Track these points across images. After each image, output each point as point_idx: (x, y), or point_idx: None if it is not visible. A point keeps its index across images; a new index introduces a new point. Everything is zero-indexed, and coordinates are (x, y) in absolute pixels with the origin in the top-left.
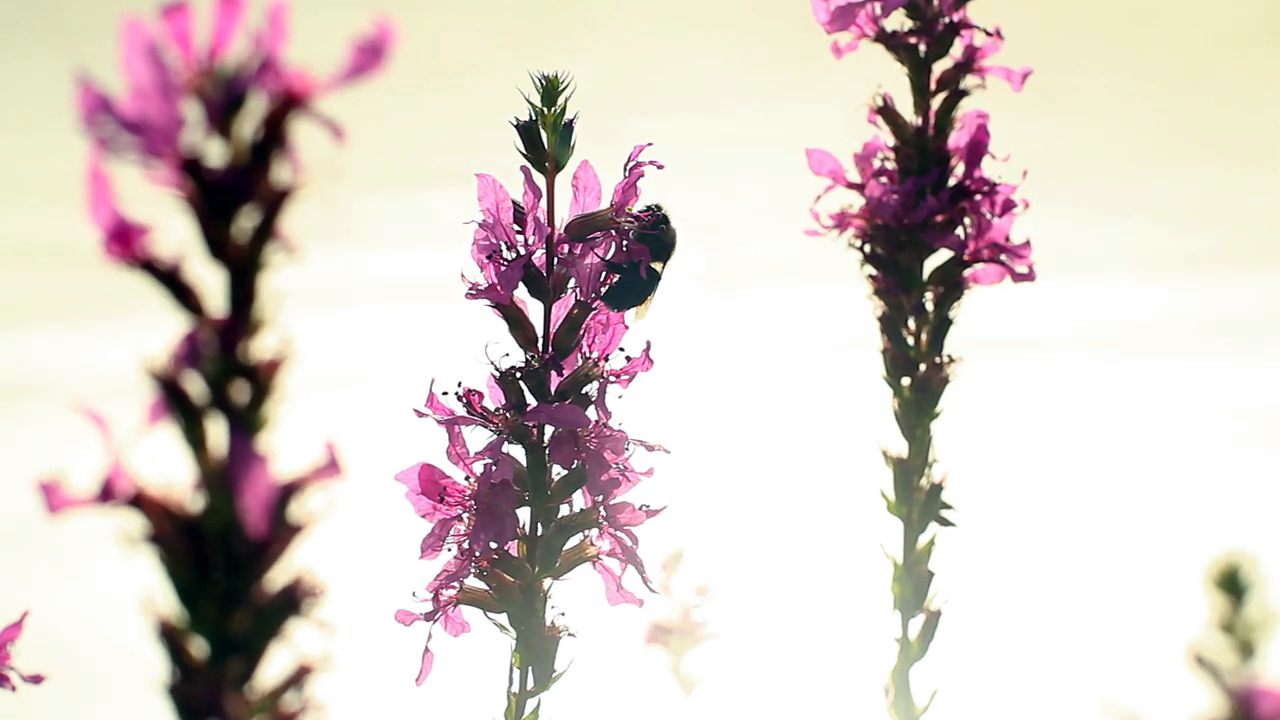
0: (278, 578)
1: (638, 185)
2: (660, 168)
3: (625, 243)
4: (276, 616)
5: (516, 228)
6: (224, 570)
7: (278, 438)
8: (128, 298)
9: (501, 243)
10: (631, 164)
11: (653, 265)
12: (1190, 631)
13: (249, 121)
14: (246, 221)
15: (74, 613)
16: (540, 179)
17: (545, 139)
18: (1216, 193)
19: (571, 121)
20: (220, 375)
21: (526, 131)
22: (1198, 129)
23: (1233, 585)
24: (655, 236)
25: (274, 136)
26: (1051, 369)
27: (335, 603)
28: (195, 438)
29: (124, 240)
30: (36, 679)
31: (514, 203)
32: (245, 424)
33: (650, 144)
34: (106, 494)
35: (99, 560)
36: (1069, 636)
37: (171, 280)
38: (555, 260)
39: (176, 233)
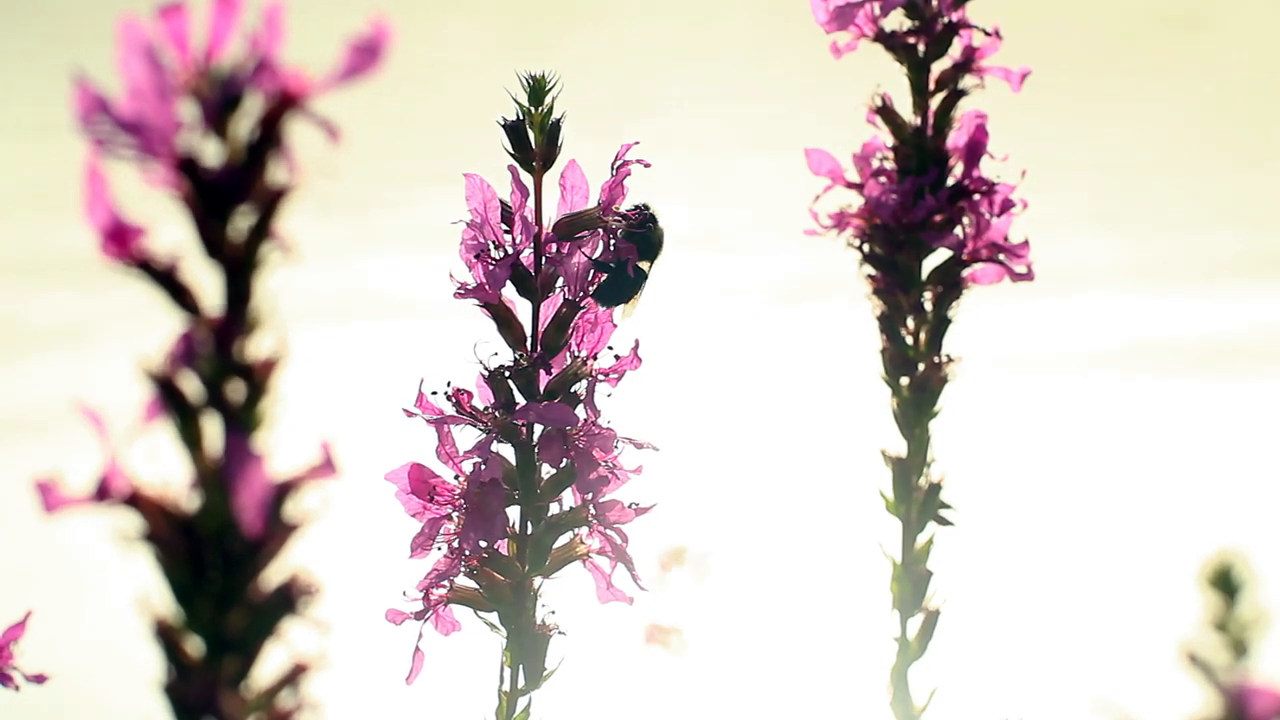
0: (273, 577)
1: (625, 184)
2: (647, 166)
3: (613, 241)
4: (272, 615)
5: (504, 227)
6: (220, 569)
7: (273, 437)
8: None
9: (489, 242)
10: (619, 163)
11: (640, 264)
12: (1183, 630)
13: (245, 122)
14: (242, 221)
15: (72, 612)
16: (528, 178)
17: (533, 138)
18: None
19: (559, 121)
20: (216, 374)
21: (514, 131)
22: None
23: (1226, 584)
24: (643, 235)
25: (270, 136)
26: (1052, 371)
27: (329, 602)
28: (191, 437)
29: (120, 240)
30: (39, 679)
31: (502, 202)
32: (241, 423)
33: (637, 142)
34: (103, 493)
35: (97, 560)
36: (1065, 635)
37: (168, 280)
38: (543, 259)
39: (173, 233)
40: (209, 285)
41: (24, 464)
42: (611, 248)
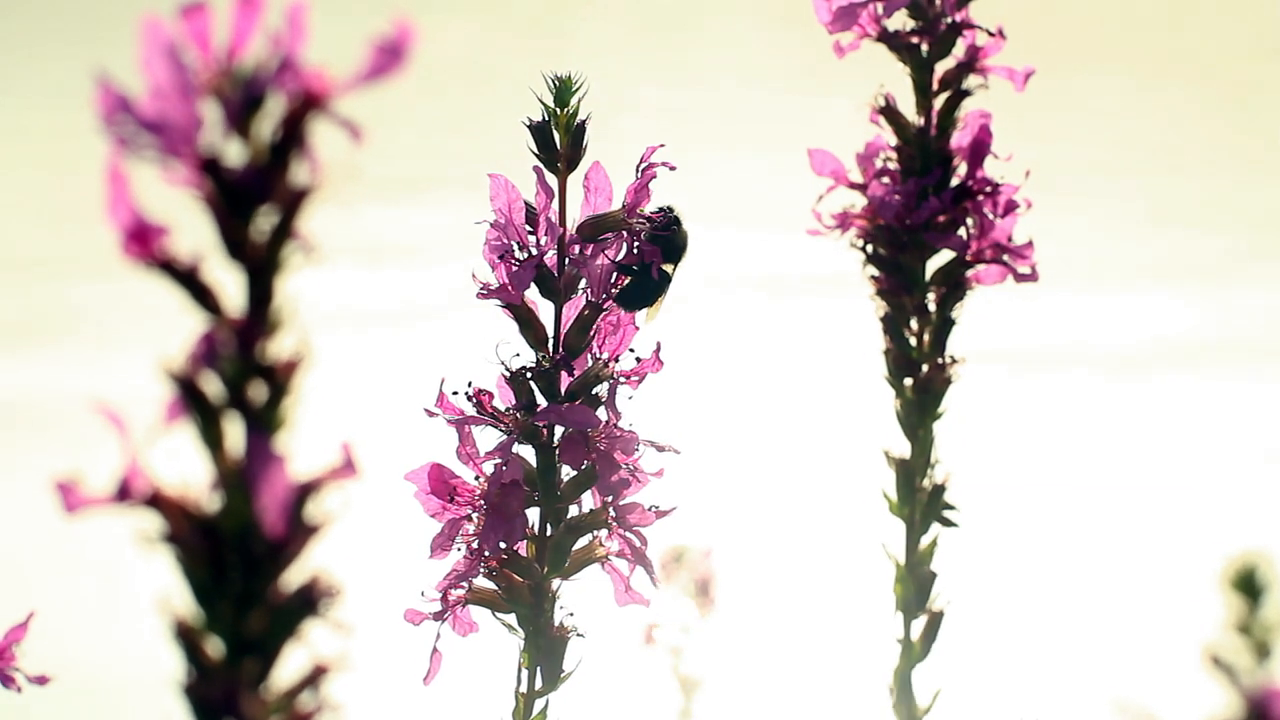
0: (294, 578)
1: (649, 186)
2: (673, 169)
3: (637, 244)
4: (293, 616)
5: (528, 228)
6: (241, 570)
7: (295, 438)
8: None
9: (513, 243)
10: (644, 165)
11: (664, 267)
12: (1205, 632)
13: (268, 122)
14: (265, 222)
15: (90, 612)
16: (552, 179)
17: (558, 139)
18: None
19: (584, 122)
20: (238, 375)
21: (539, 132)
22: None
23: (1249, 586)
24: (667, 238)
25: (292, 137)
26: (1059, 370)
27: (350, 603)
28: (213, 437)
29: (142, 240)
30: (42, 680)
31: (526, 203)
32: (263, 424)
33: (662, 145)
34: (124, 494)
35: (115, 560)
36: (1078, 638)
37: (190, 280)
38: (567, 261)
39: (195, 233)
40: (231, 286)
41: (45, 461)
42: (635, 250)
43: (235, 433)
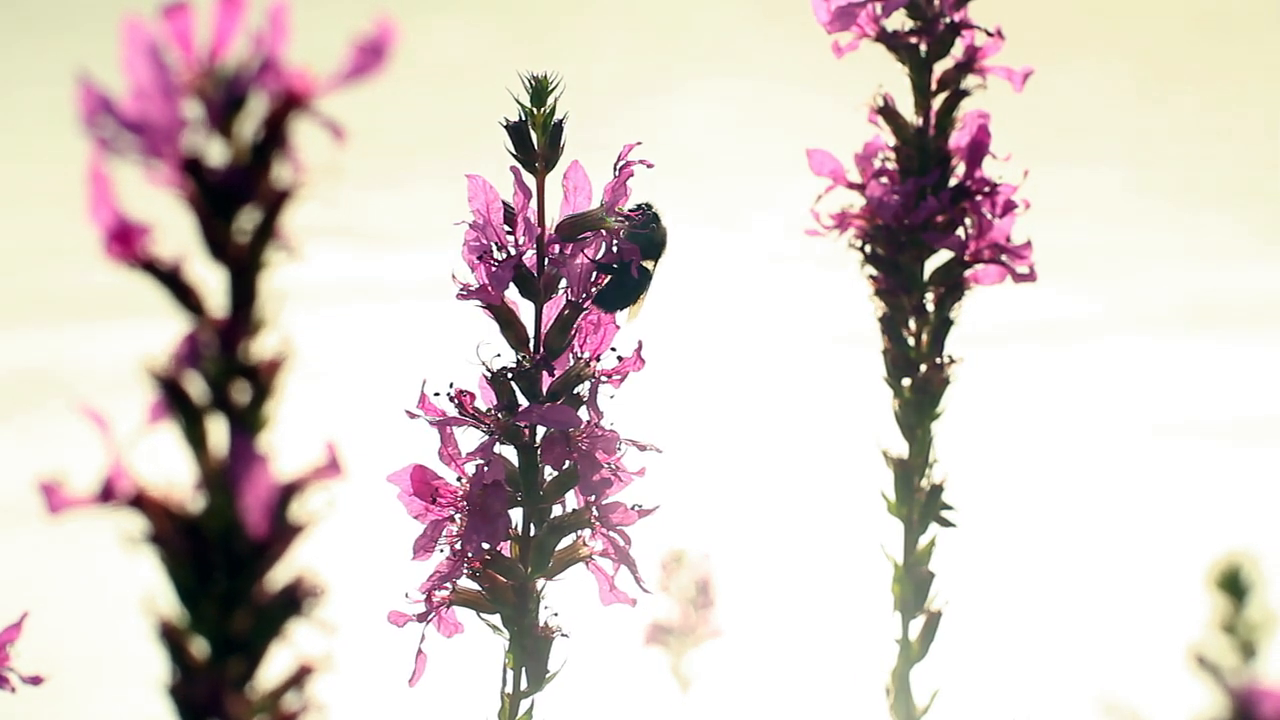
0: (278, 578)
1: (628, 185)
2: (650, 166)
3: (616, 242)
4: (277, 616)
5: (507, 228)
6: (225, 570)
7: (278, 437)
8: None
9: (492, 243)
10: (621, 163)
11: (644, 264)
12: (1192, 632)
13: (250, 121)
14: (247, 221)
15: (74, 613)
16: (530, 179)
17: (535, 139)
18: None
19: (561, 122)
20: (221, 375)
21: (516, 132)
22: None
23: (1234, 586)
24: (646, 235)
25: (275, 136)
26: (1058, 370)
27: (334, 603)
28: (196, 438)
29: (125, 240)
30: (35, 680)
31: (504, 203)
32: (246, 424)
33: (639, 143)
34: (107, 494)
35: (99, 560)
36: (1070, 637)
37: (172, 280)
38: (546, 260)
39: (177, 233)
40: (214, 286)
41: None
42: (615, 249)
43: (219, 433)
